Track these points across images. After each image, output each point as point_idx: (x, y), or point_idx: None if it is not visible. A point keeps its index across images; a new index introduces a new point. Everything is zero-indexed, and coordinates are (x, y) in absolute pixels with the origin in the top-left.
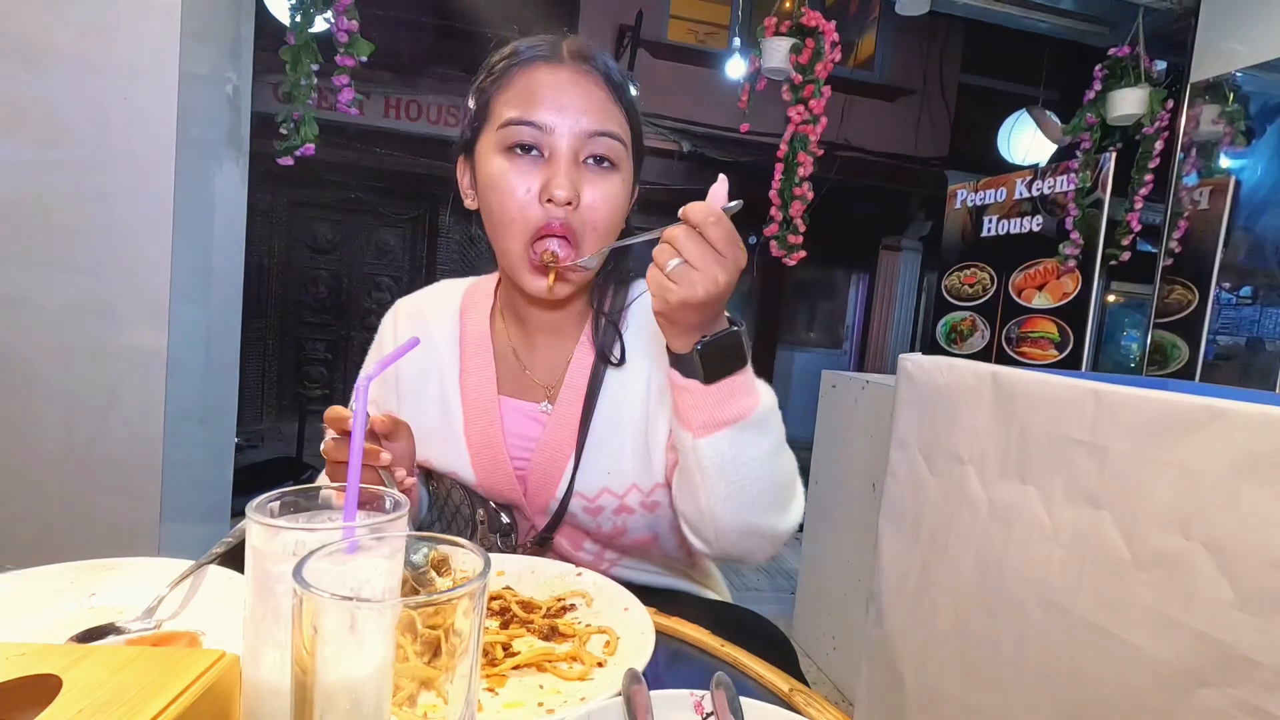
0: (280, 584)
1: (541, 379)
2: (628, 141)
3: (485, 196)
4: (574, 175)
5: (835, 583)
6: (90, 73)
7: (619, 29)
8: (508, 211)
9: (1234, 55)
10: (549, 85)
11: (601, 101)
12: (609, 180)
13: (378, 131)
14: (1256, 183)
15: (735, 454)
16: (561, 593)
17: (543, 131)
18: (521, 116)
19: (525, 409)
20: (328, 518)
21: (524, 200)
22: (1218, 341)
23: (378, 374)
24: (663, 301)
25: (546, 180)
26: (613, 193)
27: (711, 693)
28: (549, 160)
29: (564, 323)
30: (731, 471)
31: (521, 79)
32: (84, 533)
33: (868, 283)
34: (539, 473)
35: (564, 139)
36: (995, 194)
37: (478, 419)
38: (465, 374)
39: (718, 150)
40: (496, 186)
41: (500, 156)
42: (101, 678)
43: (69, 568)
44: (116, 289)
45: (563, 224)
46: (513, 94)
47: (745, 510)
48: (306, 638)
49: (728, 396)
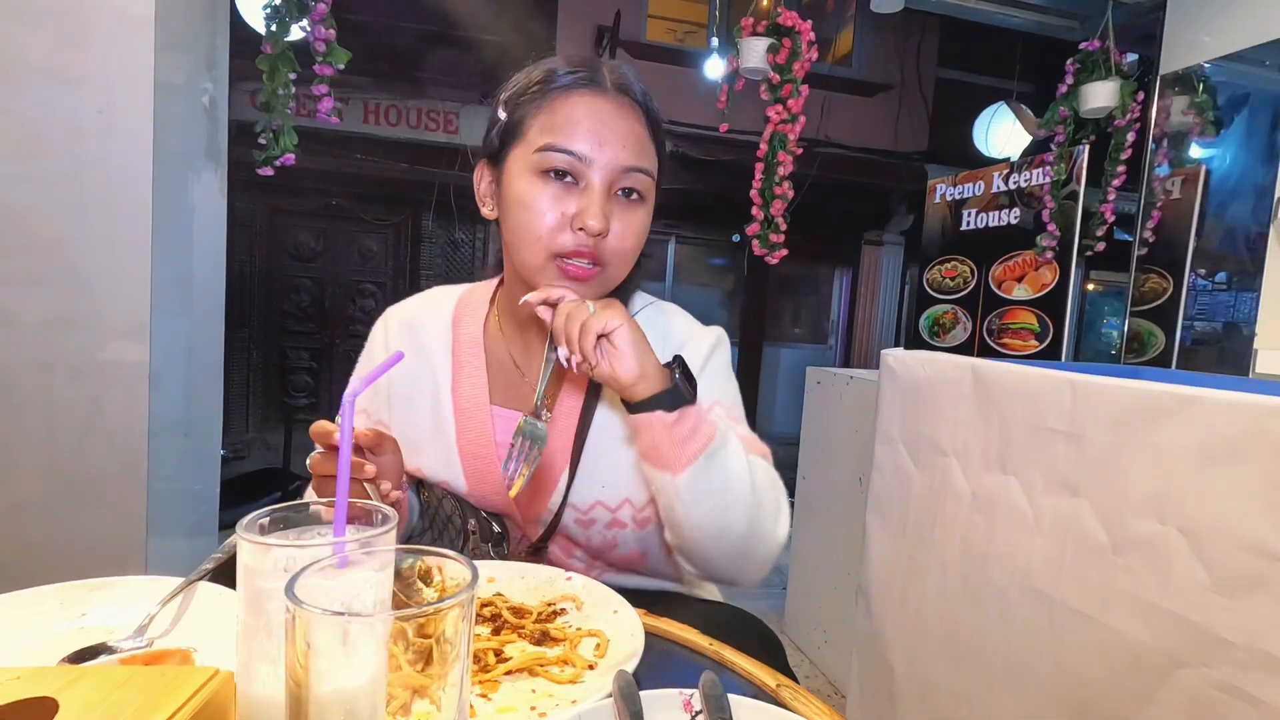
0: (272, 600)
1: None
2: (656, 177)
3: (513, 213)
4: (607, 207)
5: (825, 577)
6: (64, 85)
7: (597, 29)
8: (535, 232)
9: (1202, 47)
10: (591, 116)
11: (639, 137)
12: (637, 212)
13: (358, 137)
14: (1226, 171)
15: (714, 478)
16: (552, 597)
17: (580, 161)
18: (561, 145)
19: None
20: (317, 533)
21: (554, 224)
22: (1194, 327)
23: (362, 390)
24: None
25: (580, 210)
26: (639, 225)
27: (699, 691)
28: (583, 190)
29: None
30: (716, 495)
31: (563, 104)
32: (69, 551)
33: (851, 278)
34: (532, 485)
35: (600, 171)
36: (973, 188)
37: (470, 428)
38: (458, 382)
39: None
40: (529, 207)
41: (534, 177)
42: (97, 699)
43: (58, 588)
44: (96, 303)
45: (591, 250)
46: (552, 118)
47: (732, 526)
48: (300, 652)
49: (695, 427)
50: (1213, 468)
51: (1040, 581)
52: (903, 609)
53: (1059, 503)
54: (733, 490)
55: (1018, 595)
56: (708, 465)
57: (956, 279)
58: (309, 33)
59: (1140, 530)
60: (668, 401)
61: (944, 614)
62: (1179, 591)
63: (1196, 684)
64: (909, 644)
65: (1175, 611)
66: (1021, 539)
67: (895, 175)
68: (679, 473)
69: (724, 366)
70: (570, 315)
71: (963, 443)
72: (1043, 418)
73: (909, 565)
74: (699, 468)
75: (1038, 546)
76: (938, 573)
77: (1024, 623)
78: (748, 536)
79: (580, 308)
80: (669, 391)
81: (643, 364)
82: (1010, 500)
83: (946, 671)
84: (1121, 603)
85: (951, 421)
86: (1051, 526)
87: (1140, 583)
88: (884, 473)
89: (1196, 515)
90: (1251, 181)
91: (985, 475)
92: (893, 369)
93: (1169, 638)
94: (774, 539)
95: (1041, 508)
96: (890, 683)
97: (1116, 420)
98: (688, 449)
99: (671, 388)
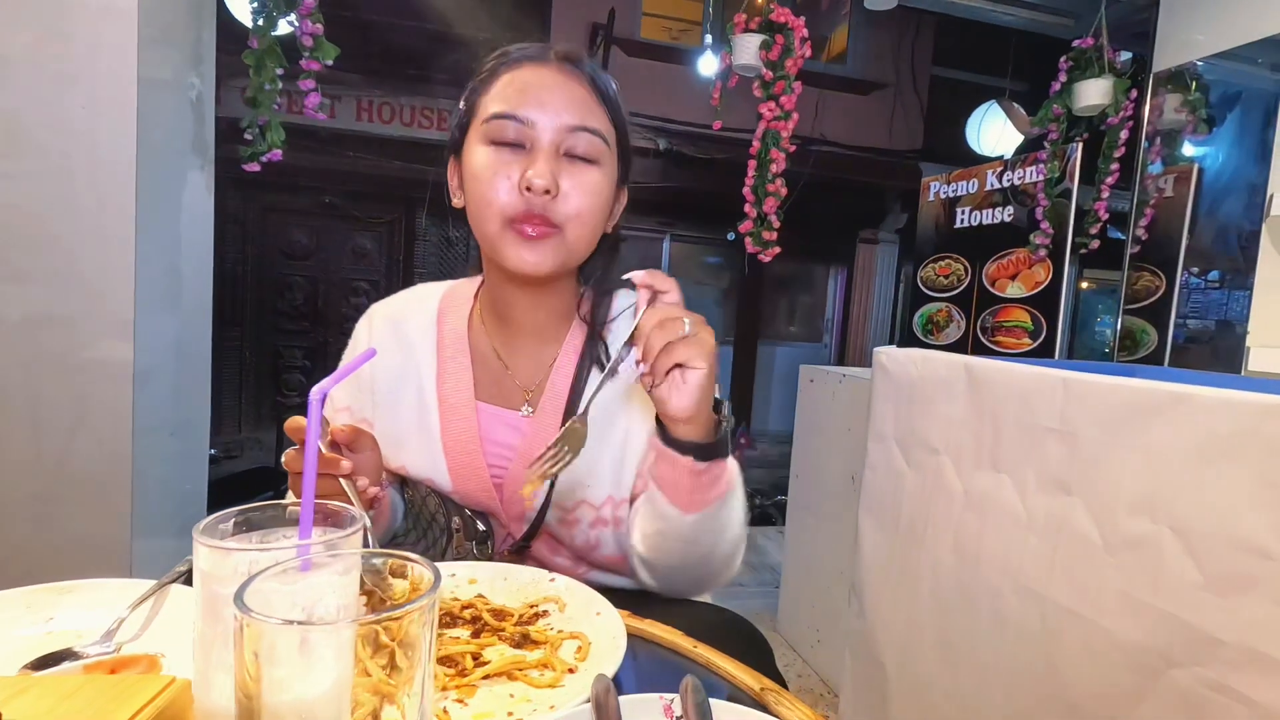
0: (229, 607)
1: (522, 381)
2: (611, 140)
3: (469, 187)
4: (554, 166)
5: (818, 575)
6: (47, 80)
7: (592, 27)
8: (487, 198)
9: (1194, 45)
10: (534, 83)
11: (583, 99)
12: (589, 173)
13: (350, 134)
14: (1218, 169)
15: (718, 522)
16: (534, 599)
17: (525, 125)
18: (506, 110)
19: (504, 416)
20: (283, 535)
21: (505, 188)
22: (1186, 325)
23: (330, 386)
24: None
25: (524, 170)
26: (592, 184)
27: (680, 695)
28: (530, 152)
29: (546, 324)
30: (710, 537)
31: (507, 76)
32: (54, 552)
33: (846, 276)
34: (516, 481)
35: (546, 133)
36: (967, 185)
37: (454, 423)
38: (443, 377)
39: (693, 147)
40: (479, 176)
41: (485, 148)
42: (44, 708)
43: (25, 592)
44: (80, 301)
45: (541, 212)
46: (498, 90)
47: (706, 566)
48: (249, 663)
49: (718, 476)
50: (1205, 466)
51: (1032, 580)
52: (895, 607)
53: (1051, 501)
54: (727, 535)
55: (1010, 594)
56: (715, 512)
57: (950, 277)
58: (296, 27)
59: (1132, 529)
60: (705, 452)
61: (936, 612)
62: (1171, 590)
63: (1188, 683)
64: (901, 642)
65: (1167, 610)
66: (1014, 537)
67: (889, 173)
68: (689, 513)
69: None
70: (662, 325)
71: (955, 441)
72: (1035, 416)
73: (901, 563)
74: (708, 513)
75: (1030, 545)
76: (930, 571)
77: (1016, 621)
78: (719, 571)
79: (676, 322)
80: (711, 445)
81: (700, 409)
82: (1003, 499)
83: (939, 670)
84: (1114, 601)
85: (944, 420)
86: (1044, 525)
87: (1132, 581)
88: (877, 471)
89: (1189, 514)
90: (1244, 179)
91: (978, 473)
92: (885, 367)
93: (1161, 636)
94: (732, 571)
95: (1034, 506)
96: (883, 681)
97: (1109, 418)
98: (705, 495)
99: (713, 442)
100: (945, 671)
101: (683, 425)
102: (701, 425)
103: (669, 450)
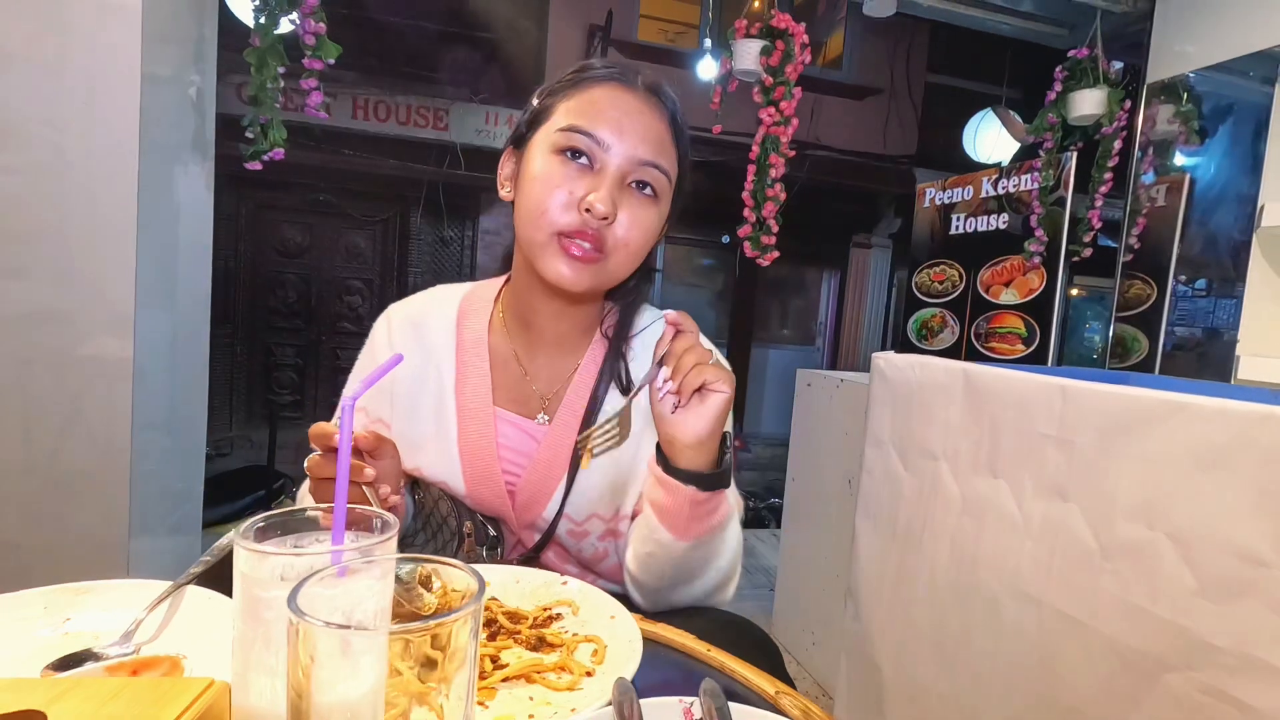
0: (270, 610)
1: (540, 388)
2: (673, 179)
3: (526, 187)
4: (616, 193)
5: (813, 579)
6: (50, 76)
7: (589, 28)
8: (542, 205)
9: (1187, 57)
10: (617, 105)
11: (661, 135)
12: (647, 208)
13: (346, 133)
14: (1210, 180)
15: (710, 550)
16: (547, 602)
17: (598, 145)
18: (583, 126)
19: (521, 423)
20: (315, 539)
21: (564, 202)
22: (1175, 333)
23: (362, 392)
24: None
25: (589, 191)
26: (648, 220)
27: (700, 699)
28: (597, 173)
29: (569, 335)
30: (700, 564)
31: (590, 92)
32: (51, 550)
33: (839, 280)
34: (529, 489)
35: (616, 158)
36: (962, 192)
37: (471, 427)
38: (461, 382)
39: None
40: (542, 181)
41: (552, 155)
42: (87, 712)
43: (42, 592)
44: (79, 297)
45: (594, 234)
46: (579, 102)
47: (701, 587)
48: (303, 664)
49: (715, 507)
50: (1200, 474)
51: (1029, 585)
52: (891, 611)
53: (1048, 507)
54: (718, 562)
55: (1007, 598)
56: (709, 540)
57: (945, 282)
58: (298, 25)
59: (1129, 535)
60: (705, 482)
61: (933, 616)
62: (1167, 596)
63: (1184, 688)
64: (898, 646)
65: (1163, 616)
66: (1011, 543)
67: (884, 178)
68: (683, 540)
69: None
70: (693, 348)
71: (953, 446)
72: (1033, 423)
73: (898, 567)
74: (702, 541)
75: (1027, 550)
76: (927, 575)
77: (1013, 626)
78: (710, 594)
79: (703, 350)
80: (712, 475)
81: (709, 436)
82: (1000, 504)
83: (935, 674)
84: (1110, 607)
85: (942, 425)
86: (1041, 530)
87: (1128, 587)
88: (874, 475)
89: (1184, 521)
90: (1234, 190)
91: (975, 479)
92: (884, 372)
93: (1157, 642)
94: (726, 595)
95: (1031, 512)
96: (879, 684)
97: (1106, 426)
98: (701, 525)
99: (715, 474)
100: (941, 675)
101: (690, 451)
102: (708, 453)
103: (670, 479)
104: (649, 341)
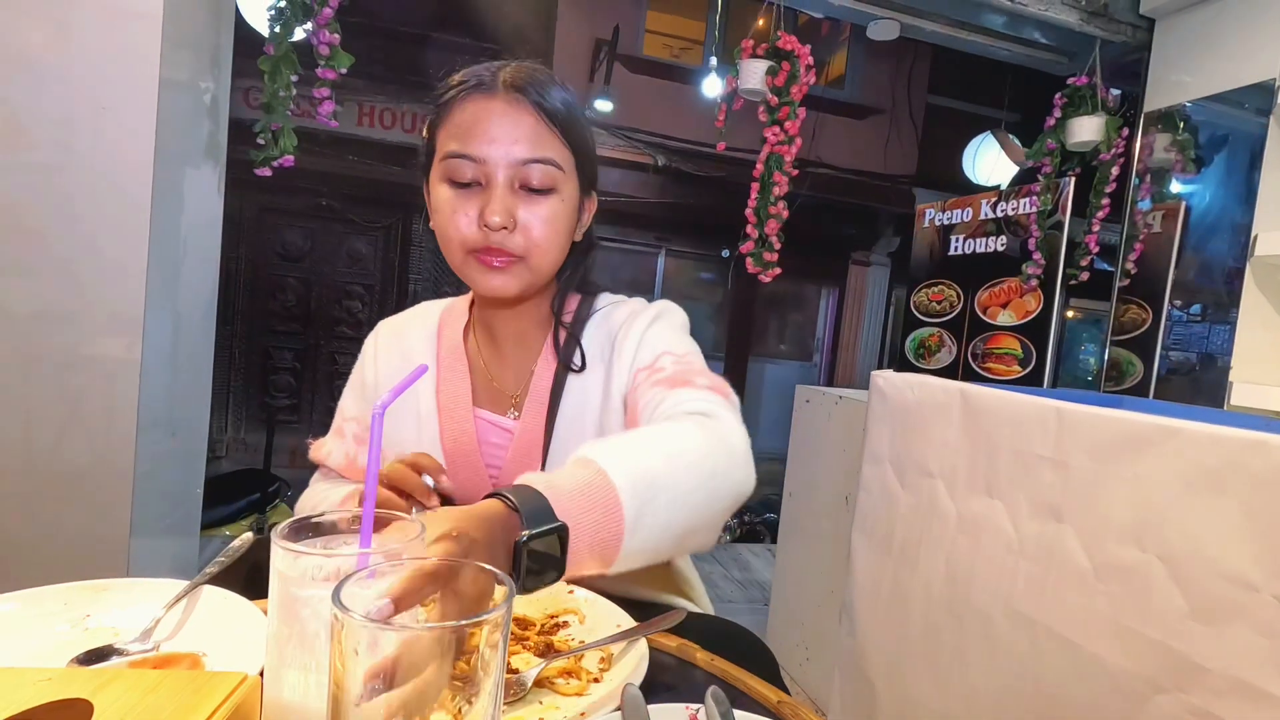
0: (306, 608)
1: (508, 389)
2: (567, 164)
3: (435, 218)
4: (509, 201)
5: (808, 594)
6: (69, 79)
7: (595, 43)
8: (448, 233)
9: (1184, 87)
10: (483, 117)
11: (532, 128)
12: (546, 203)
13: (351, 139)
14: (1205, 208)
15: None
16: (554, 610)
17: (477, 163)
18: (459, 150)
19: (497, 420)
20: (344, 542)
21: (464, 223)
22: (1170, 357)
23: (391, 401)
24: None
25: (483, 207)
26: (551, 213)
27: (706, 706)
28: (487, 188)
29: (528, 332)
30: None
31: (458, 112)
32: (51, 549)
33: (838, 297)
34: (510, 478)
35: (498, 169)
36: (962, 214)
37: (452, 428)
38: (441, 384)
39: (692, 165)
40: (441, 211)
41: (445, 185)
42: (131, 700)
43: (62, 589)
44: (88, 298)
45: (500, 245)
46: (451, 126)
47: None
48: (347, 659)
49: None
50: (1193, 498)
51: (1023, 604)
52: (886, 628)
53: (1043, 527)
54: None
55: (1000, 617)
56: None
57: (943, 303)
58: (311, 34)
59: (1121, 557)
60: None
61: (927, 634)
62: (1158, 618)
63: (1173, 709)
64: (892, 663)
65: (1154, 637)
66: (1005, 562)
67: (883, 197)
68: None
69: (672, 326)
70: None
71: (949, 465)
72: (1029, 444)
73: (893, 585)
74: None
75: (1021, 570)
76: (922, 593)
77: (1006, 644)
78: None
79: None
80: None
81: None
82: (995, 523)
83: (929, 691)
84: (1102, 627)
85: (939, 444)
86: (1035, 550)
87: (1120, 608)
88: (871, 493)
89: (1176, 544)
90: (1229, 218)
91: (971, 498)
92: (882, 390)
93: (1148, 663)
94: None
95: (1025, 532)
96: (872, 701)
97: (1101, 449)
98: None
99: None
100: (934, 692)
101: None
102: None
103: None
104: (600, 320)
